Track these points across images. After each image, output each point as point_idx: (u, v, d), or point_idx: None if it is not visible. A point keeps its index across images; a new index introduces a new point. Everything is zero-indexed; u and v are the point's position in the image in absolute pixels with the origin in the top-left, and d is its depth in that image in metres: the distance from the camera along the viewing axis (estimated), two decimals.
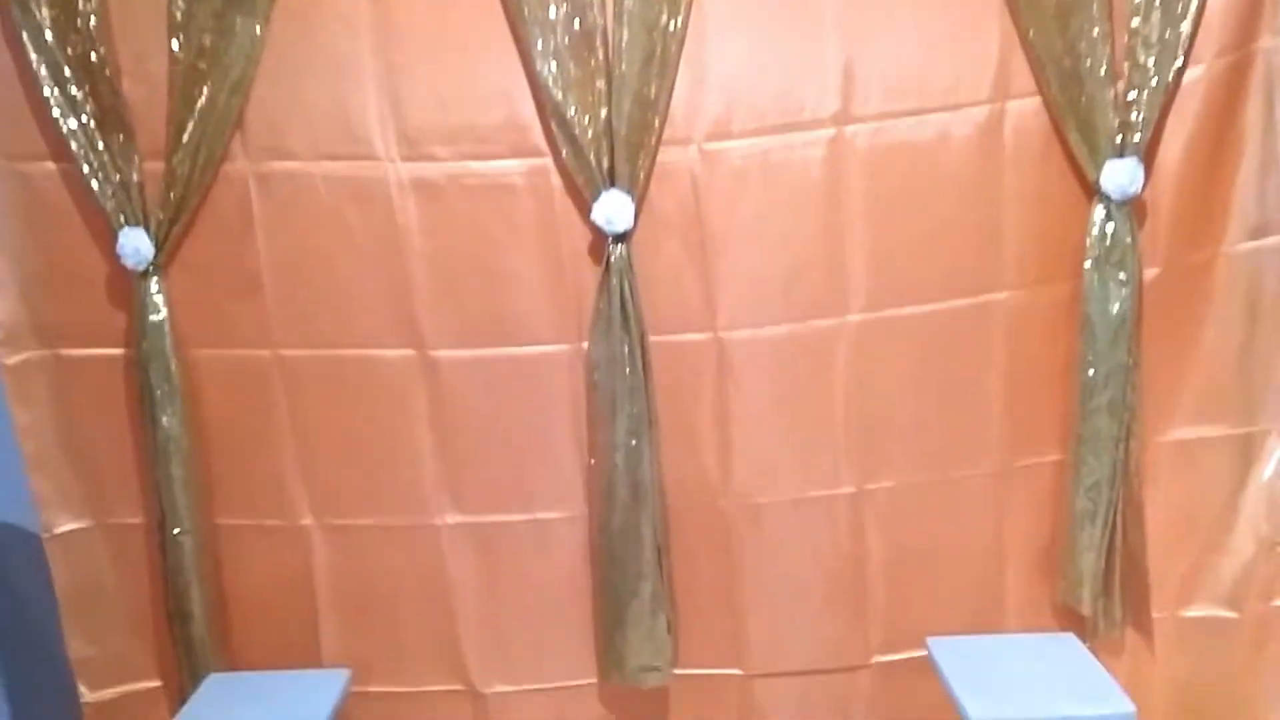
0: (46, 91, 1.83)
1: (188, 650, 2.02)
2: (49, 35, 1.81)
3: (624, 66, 1.83)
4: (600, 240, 1.92)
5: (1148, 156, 1.87)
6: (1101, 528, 1.98)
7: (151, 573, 2.05)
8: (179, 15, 1.82)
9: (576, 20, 1.82)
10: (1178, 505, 2.04)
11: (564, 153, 1.87)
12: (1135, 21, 1.81)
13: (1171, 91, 1.84)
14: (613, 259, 1.90)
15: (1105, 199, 1.87)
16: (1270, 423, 1.96)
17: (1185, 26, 1.81)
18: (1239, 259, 1.92)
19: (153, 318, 1.91)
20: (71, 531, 2.03)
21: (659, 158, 1.89)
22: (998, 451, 2.02)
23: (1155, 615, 2.07)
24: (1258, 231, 1.90)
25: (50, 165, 1.89)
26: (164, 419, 1.93)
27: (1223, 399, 1.99)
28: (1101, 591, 2.03)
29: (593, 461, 2.01)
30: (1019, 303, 1.95)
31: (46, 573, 2.02)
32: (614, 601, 2.03)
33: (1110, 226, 1.88)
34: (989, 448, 2.02)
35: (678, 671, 2.08)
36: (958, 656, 1.90)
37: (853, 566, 2.07)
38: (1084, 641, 1.99)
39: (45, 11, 1.80)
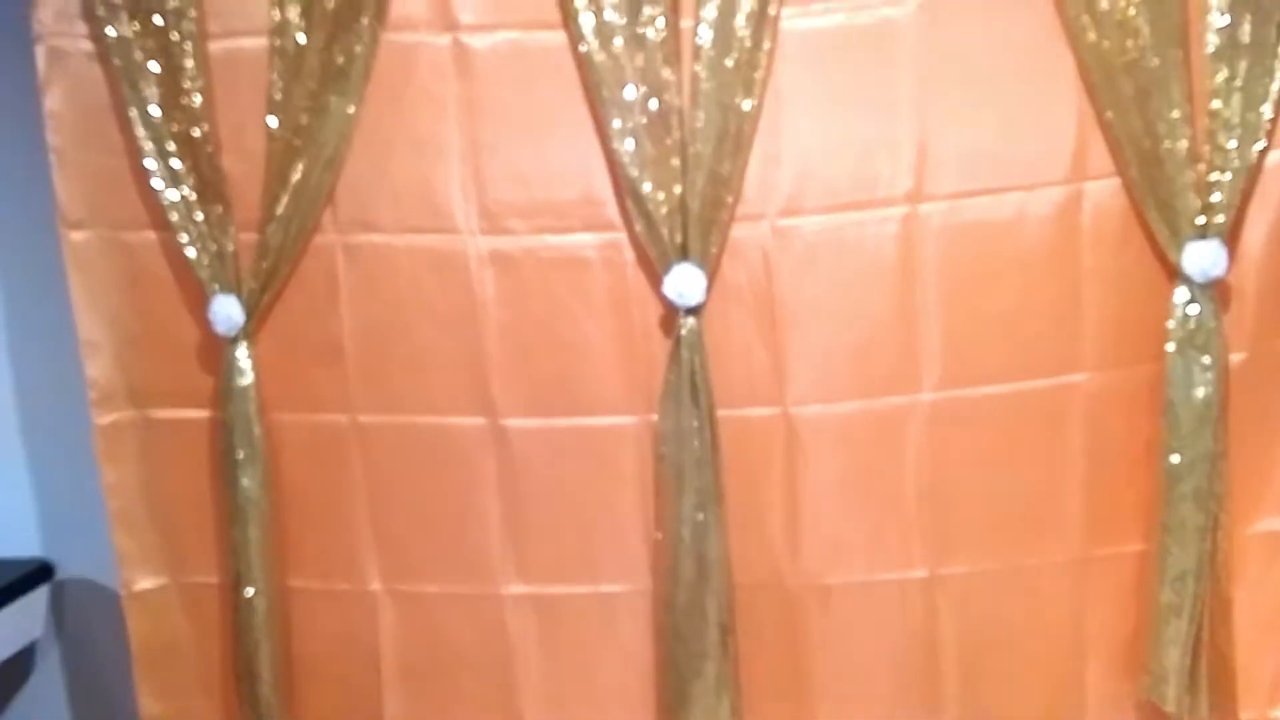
0: (150, 164, 1.93)
1: (254, 710, 2.04)
2: (155, 112, 1.92)
3: (699, 145, 1.87)
4: (671, 314, 1.93)
5: (1231, 238, 1.83)
6: (1188, 622, 1.90)
7: (223, 632, 2.08)
8: (277, 95, 1.91)
9: (653, 101, 1.87)
10: (1268, 601, 1.95)
11: (638, 227, 1.91)
12: (1215, 104, 1.79)
13: (1254, 174, 1.81)
14: (683, 332, 1.91)
15: (1188, 281, 1.83)
16: None
17: (1267, 109, 1.78)
18: None
19: (240, 382, 1.97)
20: (149, 589, 2.08)
21: (731, 233, 1.91)
22: (1077, 539, 1.96)
23: (1244, 716, 1.97)
24: None
25: (150, 234, 1.99)
26: (244, 481, 1.98)
27: None
28: (1187, 689, 1.93)
29: (659, 535, 2.00)
30: (1098, 385, 1.91)
31: (123, 628, 2.06)
32: (677, 680, 2.00)
33: (1193, 309, 1.83)
34: (1068, 535, 1.96)
35: None
36: None
37: (924, 653, 2.01)
38: None
39: (153, 89, 1.91)
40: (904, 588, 1.99)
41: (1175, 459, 1.87)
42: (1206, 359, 1.83)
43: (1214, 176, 1.81)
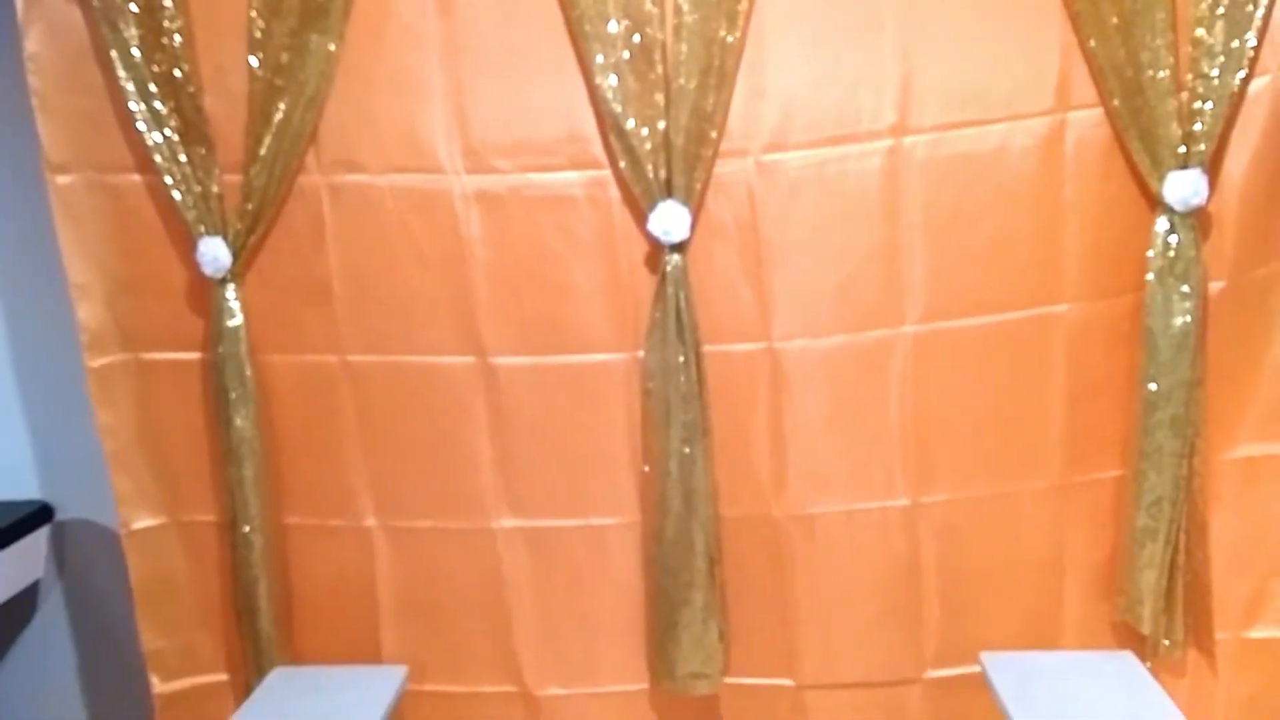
0: (133, 106, 1.92)
1: (254, 645, 2.09)
2: (136, 53, 1.90)
3: (682, 80, 1.86)
4: (657, 251, 1.95)
5: (1212, 168, 1.84)
6: (1163, 545, 1.95)
7: (222, 569, 2.12)
8: (258, 34, 1.90)
9: (636, 35, 1.86)
10: (1243, 524, 1.99)
11: (622, 165, 1.91)
12: (1199, 31, 1.79)
13: (1236, 102, 1.81)
14: (669, 269, 1.92)
15: (1168, 211, 1.84)
16: None
17: (1250, 36, 1.78)
18: None
19: (229, 323, 1.99)
20: (148, 528, 2.11)
21: (715, 169, 1.92)
22: (1056, 466, 2.00)
23: (1218, 636, 2.02)
24: None
25: (135, 177, 1.99)
26: (237, 421, 2.00)
27: None
28: (1163, 610, 1.99)
29: (647, 469, 2.03)
30: (1079, 315, 1.93)
31: (123, 567, 2.10)
32: (666, 608, 2.05)
33: (1173, 239, 1.85)
34: (1048, 462, 2.00)
35: (728, 680, 2.09)
36: (1012, 673, 1.88)
37: (907, 580, 2.06)
38: (1144, 661, 1.97)
39: (133, 30, 1.89)
40: (886, 516, 2.03)
41: (1153, 386, 1.90)
42: (1186, 287, 1.85)
43: (1196, 105, 1.81)
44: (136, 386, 2.07)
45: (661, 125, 1.89)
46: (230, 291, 1.99)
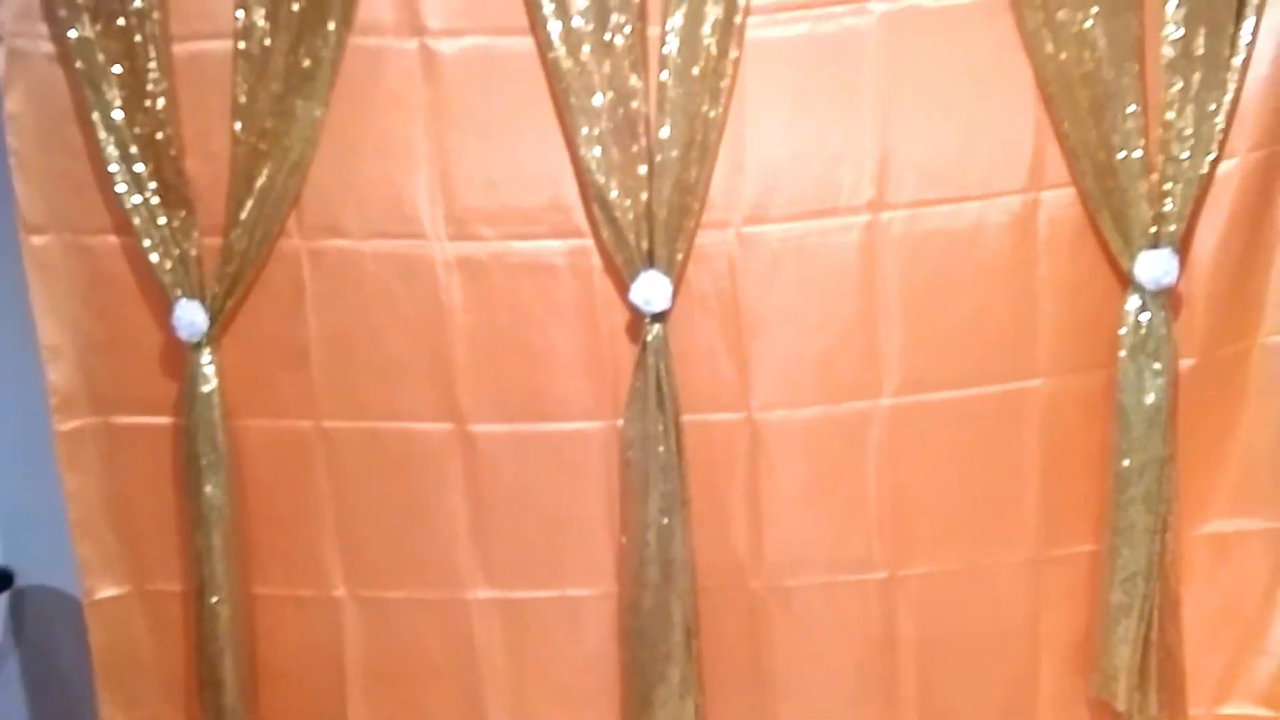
0: (113, 168, 1.91)
1: (218, 718, 2.03)
2: (118, 115, 1.90)
3: (665, 152, 1.88)
4: (638, 320, 1.95)
5: (1182, 248, 1.88)
6: (1137, 621, 1.95)
7: (187, 640, 2.06)
8: (242, 98, 1.90)
9: (620, 108, 1.88)
10: (1215, 600, 2.01)
11: (605, 234, 1.92)
12: (1169, 115, 1.85)
13: (1205, 184, 1.87)
14: (649, 339, 1.93)
15: (1140, 289, 1.88)
16: None
17: (1219, 120, 1.84)
18: (1275, 350, 1.92)
19: (203, 388, 1.96)
20: (111, 597, 2.06)
21: (697, 240, 1.94)
22: (1032, 540, 2.01)
23: (1192, 712, 2.03)
24: None
25: (112, 238, 1.97)
26: (208, 488, 1.96)
27: (1260, 492, 1.97)
28: (1137, 686, 1.99)
29: (624, 539, 2.02)
30: (1053, 391, 1.96)
31: (84, 637, 2.04)
32: (642, 683, 2.02)
33: (1145, 317, 1.89)
34: (1023, 536, 2.01)
35: None
36: None
37: (884, 653, 2.05)
38: None
39: (115, 93, 1.89)
40: (864, 589, 2.03)
41: (1126, 462, 1.92)
42: (1157, 365, 1.89)
43: (1167, 186, 1.86)
44: (105, 451, 2.03)
45: (644, 196, 1.91)
46: (205, 356, 1.96)
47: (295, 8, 1.88)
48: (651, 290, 1.91)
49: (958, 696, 2.06)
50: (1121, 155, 1.85)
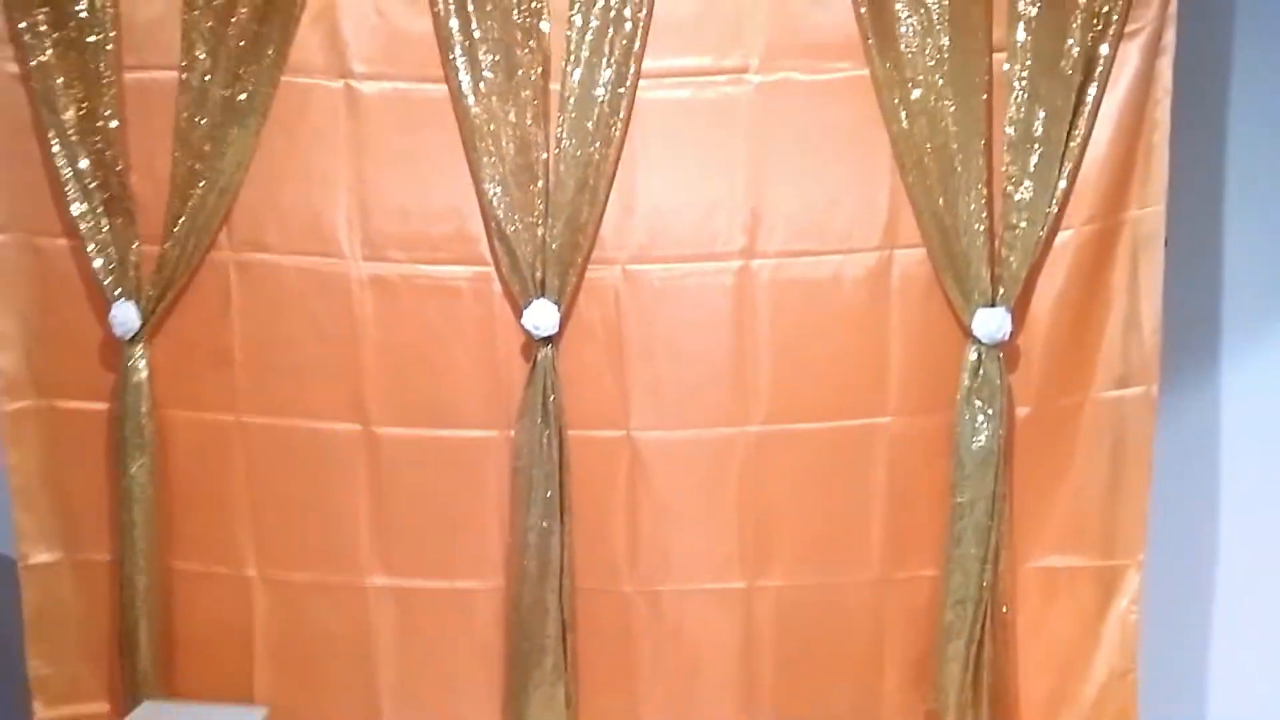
0: (65, 178, 2.12)
1: (133, 679, 2.23)
2: (71, 133, 2.11)
3: (560, 194, 2.09)
4: (531, 342, 2.16)
5: (1019, 307, 2.08)
6: (967, 642, 2.14)
7: (110, 606, 2.27)
8: (183, 124, 2.12)
9: (522, 153, 2.09)
10: (1046, 628, 2.20)
11: (503, 264, 2.13)
12: (1009, 188, 2.05)
13: (1042, 251, 2.07)
14: (539, 358, 2.14)
15: (977, 342, 2.08)
16: (1129, 557, 2.12)
17: (1055, 195, 2.04)
18: (1105, 405, 2.11)
19: (134, 379, 2.17)
20: (44, 563, 2.26)
21: (588, 274, 2.15)
22: (878, 562, 2.21)
23: None
24: (1122, 382, 2.09)
25: (61, 241, 2.18)
26: (133, 469, 2.17)
27: (1088, 533, 2.15)
28: (969, 704, 2.18)
29: (510, 539, 2.22)
30: (900, 428, 2.16)
31: (17, 597, 2.25)
32: (520, 669, 2.22)
33: (981, 367, 2.09)
34: (870, 558, 2.20)
35: None
36: None
37: (742, 658, 2.24)
38: None
39: (70, 114, 2.10)
40: (725, 597, 2.22)
41: (959, 498, 2.12)
42: (990, 411, 2.08)
43: (1005, 252, 2.06)
44: (46, 431, 2.23)
45: (540, 232, 2.11)
46: (138, 351, 2.17)
47: (235, 46, 2.09)
48: (541, 316, 2.12)
49: (808, 703, 2.25)
50: (965, 222, 2.05)
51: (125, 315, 2.14)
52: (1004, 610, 2.18)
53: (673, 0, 2.06)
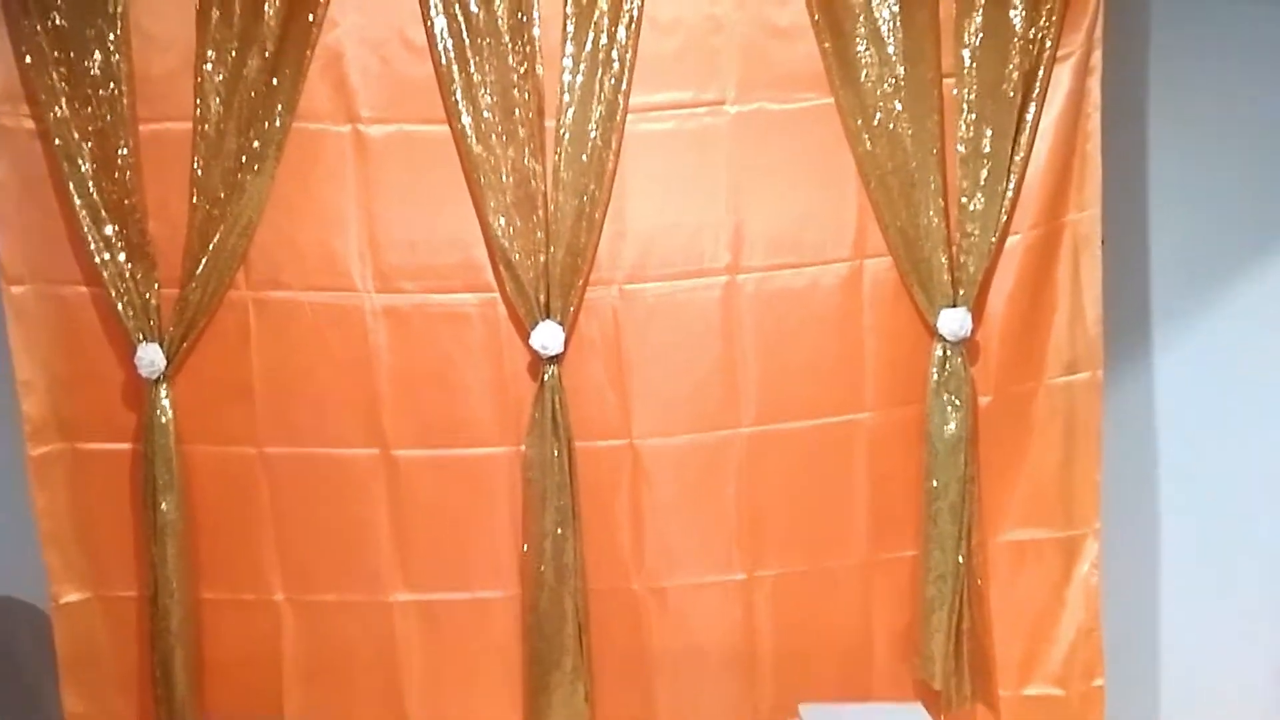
0: (85, 228, 2.22)
1: (169, 709, 2.31)
2: (90, 184, 2.21)
3: (559, 223, 2.27)
4: (537, 362, 2.31)
5: (977, 306, 2.32)
6: (948, 614, 2.36)
7: (140, 640, 2.35)
8: (199, 172, 2.24)
9: (522, 186, 2.26)
10: (1016, 596, 2.43)
11: (509, 289, 2.29)
12: (963, 199, 2.29)
13: (994, 255, 2.31)
14: (546, 377, 2.30)
15: (942, 339, 2.31)
16: (1086, 526, 2.36)
17: (1005, 204, 2.28)
18: (1056, 390, 2.36)
19: (160, 418, 2.26)
20: (75, 602, 2.33)
21: (586, 296, 2.32)
22: (863, 546, 2.41)
23: (1001, 693, 2.43)
24: (1070, 368, 2.34)
25: (82, 289, 2.27)
26: (162, 505, 2.26)
27: (1048, 506, 2.39)
28: (953, 670, 2.39)
29: (525, 548, 2.37)
30: (878, 421, 2.37)
31: (49, 638, 2.32)
32: (540, 671, 2.36)
33: (947, 362, 2.32)
34: (856, 543, 2.41)
35: None
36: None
37: (745, 643, 2.41)
38: (939, 714, 2.36)
39: (89, 165, 2.21)
40: (726, 589, 2.40)
41: (934, 482, 2.34)
42: (957, 401, 2.31)
43: (962, 258, 2.30)
44: (71, 473, 2.31)
45: (542, 259, 2.28)
46: (163, 391, 2.27)
47: (247, 96, 2.23)
48: (548, 337, 2.29)
49: (806, 678, 2.43)
50: (925, 231, 2.29)
51: (151, 356, 2.24)
52: (979, 582, 2.40)
53: (655, 42, 2.26)
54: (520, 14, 2.23)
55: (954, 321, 2.29)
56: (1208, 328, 2.42)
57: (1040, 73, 2.25)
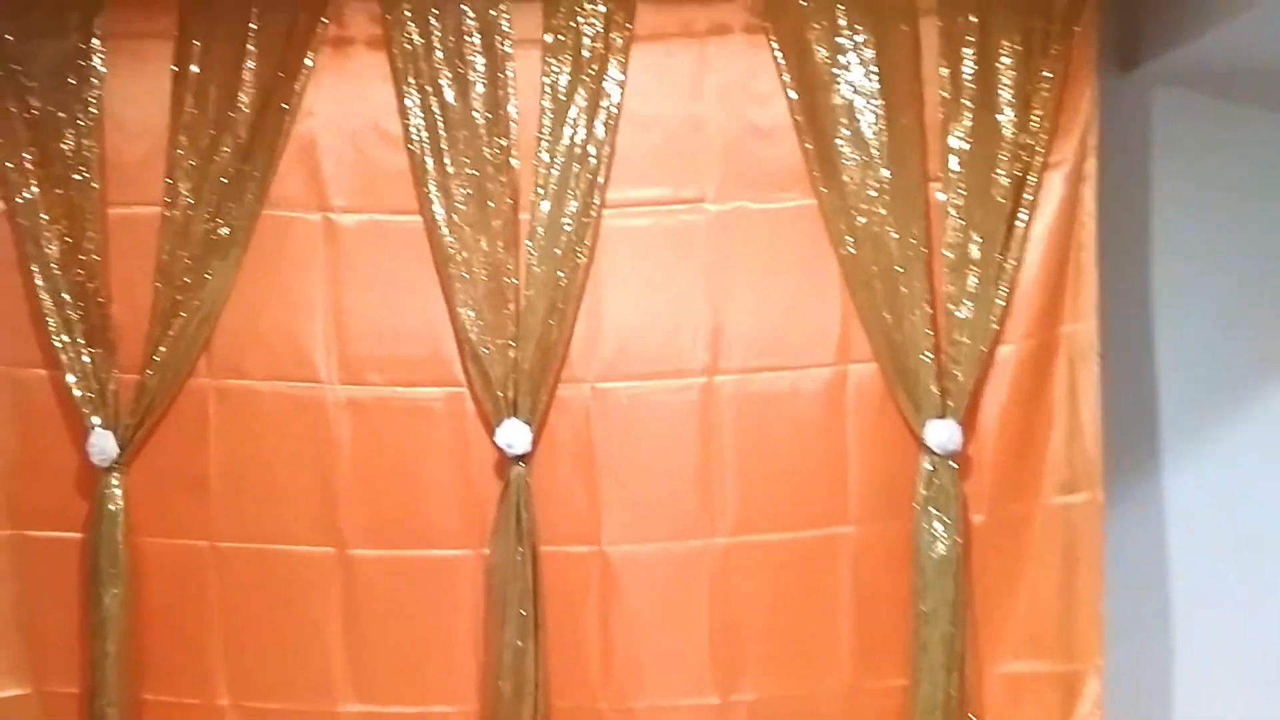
0: (46, 310, 2.18)
1: None
2: (54, 266, 2.18)
3: (530, 317, 2.19)
4: (504, 460, 2.22)
5: (968, 418, 2.19)
6: None
7: None
8: (165, 258, 2.20)
9: (493, 278, 2.19)
10: None
11: (476, 385, 2.21)
12: (951, 306, 2.18)
13: (985, 365, 2.19)
14: (512, 476, 2.19)
15: (930, 452, 2.18)
16: (1087, 661, 2.17)
17: (995, 313, 2.17)
18: (1053, 511, 2.20)
19: (110, 508, 2.19)
20: (13, 697, 2.23)
21: (558, 393, 2.22)
22: (848, 674, 2.24)
23: None
24: (1068, 488, 2.19)
25: (41, 371, 2.23)
26: (106, 599, 2.18)
27: (1046, 637, 2.21)
28: None
29: (485, 658, 2.23)
30: (862, 536, 2.23)
31: None
32: None
33: (935, 477, 2.18)
34: (840, 670, 2.24)
35: None
36: None
37: None
38: None
39: (54, 248, 2.18)
40: (699, 713, 2.24)
41: (923, 606, 2.18)
42: (947, 519, 2.17)
43: (951, 367, 2.18)
44: (19, 561, 2.24)
45: (512, 353, 2.20)
46: (114, 479, 2.20)
47: (218, 182, 2.19)
48: (513, 435, 2.19)
49: None
50: (912, 339, 2.17)
51: (103, 444, 2.18)
52: (970, 719, 2.22)
53: (633, 137, 2.21)
54: (497, 107, 2.19)
55: (942, 433, 2.16)
56: (1220, 445, 2.29)
57: (1031, 179, 2.16)
